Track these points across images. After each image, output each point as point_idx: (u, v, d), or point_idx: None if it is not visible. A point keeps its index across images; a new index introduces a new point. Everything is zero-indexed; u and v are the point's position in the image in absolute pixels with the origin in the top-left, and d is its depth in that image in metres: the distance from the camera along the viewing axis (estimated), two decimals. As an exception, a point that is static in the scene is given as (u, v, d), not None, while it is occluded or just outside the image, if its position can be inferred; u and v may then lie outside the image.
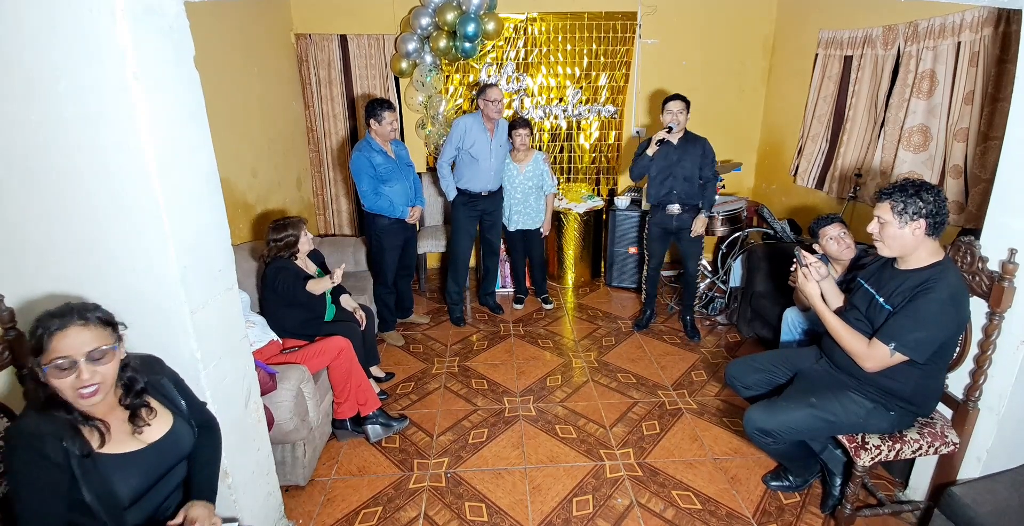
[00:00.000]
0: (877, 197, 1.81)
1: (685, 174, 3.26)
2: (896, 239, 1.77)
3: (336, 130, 4.44)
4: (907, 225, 1.73)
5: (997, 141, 2.45)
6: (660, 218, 3.43)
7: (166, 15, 1.43)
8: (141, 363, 1.39)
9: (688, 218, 3.38)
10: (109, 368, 1.23)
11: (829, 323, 1.91)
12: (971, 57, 2.67)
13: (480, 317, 4.00)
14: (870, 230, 1.83)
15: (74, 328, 1.18)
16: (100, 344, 1.20)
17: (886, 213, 1.76)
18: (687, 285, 3.60)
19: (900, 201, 1.73)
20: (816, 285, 1.96)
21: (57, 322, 1.17)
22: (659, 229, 3.47)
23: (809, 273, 1.98)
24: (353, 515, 2.20)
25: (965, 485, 1.84)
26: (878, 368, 1.81)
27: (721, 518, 2.16)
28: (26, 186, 1.43)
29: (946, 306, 1.70)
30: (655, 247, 3.55)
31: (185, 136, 1.52)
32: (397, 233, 3.36)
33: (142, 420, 1.32)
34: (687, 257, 3.50)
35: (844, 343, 1.87)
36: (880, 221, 1.79)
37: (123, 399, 1.31)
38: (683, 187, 3.28)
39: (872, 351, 1.79)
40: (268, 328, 2.52)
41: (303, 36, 4.19)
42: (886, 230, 1.78)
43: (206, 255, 1.61)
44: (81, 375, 1.18)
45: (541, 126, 4.55)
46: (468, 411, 2.88)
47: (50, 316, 1.19)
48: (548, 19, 4.28)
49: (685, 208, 3.36)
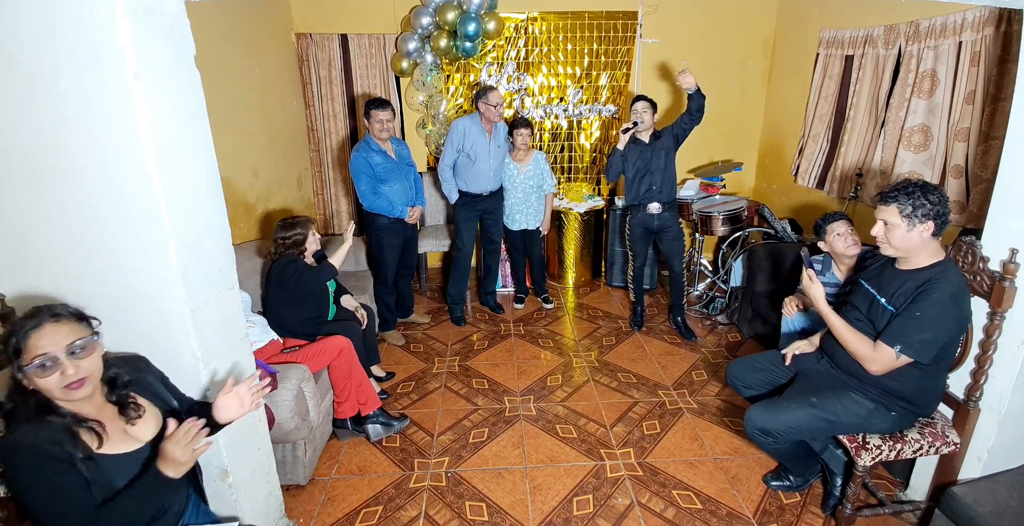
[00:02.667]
0: (880, 199, 1.78)
1: (660, 166, 3.33)
2: (904, 241, 1.75)
3: (336, 130, 4.44)
4: (915, 227, 1.72)
5: (998, 141, 2.45)
6: (641, 217, 3.47)
7: (167, 15, 1.43)
8: (125, 362, 1.40)
9: (669, 216, 3.43)
10: (92, 361, 1.22)
11: (834, 326, 1.89)
12: (972, 57, 2.67)
13: (480, 317, 4.00)
14: (874, 233, 1.81)
15: (48, 325, 1.17)
16: (77, 337, 1.19)
17: (893, 216, 1.73)
18: (674, 285, 3.61)
19: (908, 204, 1.71)
20: (821, 287, 1.95)
21: (31, 322, 1.16)
22: (641, 229, 3.51)
23: (814, 275, 1.97)
24: (354, 514, 2.21)
25: (966, 485, 1.84)
26: (884, 371, 1.79)
27: (722, 518, 2.16)
28: (27, 186, 1.43)
29: (948, 306, 1.70)
30: (638, 247, 3.60)
31: (186, 135, 1.52)
32: (397, 233, 3.37)
33: (132, 412, 1.32)
34: (670, 256, 3.53)
35: (849, 346, 1.86)
36: (887, 224, 1.76)
37: (109, 395, 1.31)
38: (660, 179, 3.34)
39: (877, 354, 1.78)
40: (268, 328, 2.52)
41: (304, 35, 4.19)
42: (893, 233, 1.75)
43: (207, 255, 1.61)
44: (65, 370, 1.17)
45: (542, 126, 4.54)
46: (468, 411, 2.88)
47: (22, 319, 1.18)
48: (549, 18, 4.27)
49: (665, 206, 3.40)
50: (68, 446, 1.18)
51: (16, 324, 1.18)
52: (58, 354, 1.17)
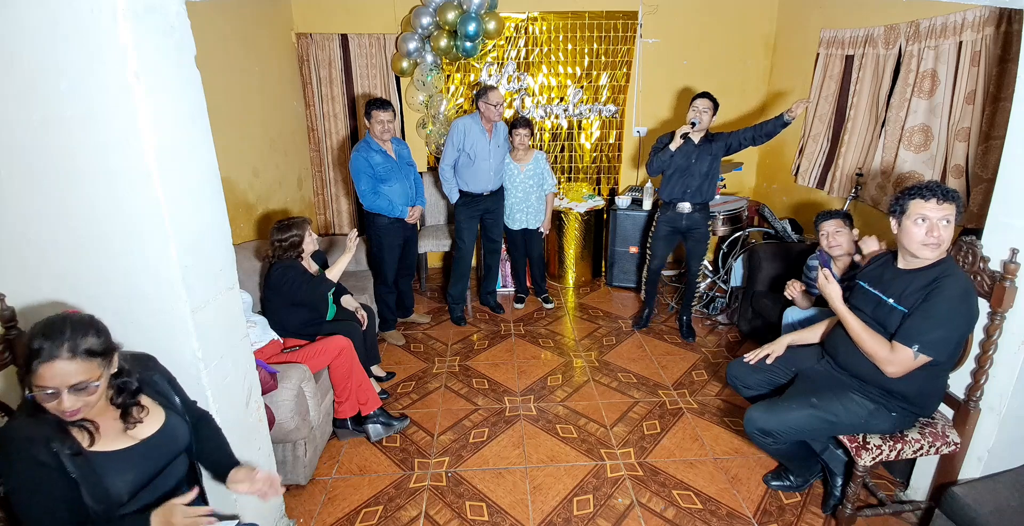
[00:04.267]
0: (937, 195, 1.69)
1: (702, 171, 3.23)
2: (949, 240, 1.73)
3: (337, 129, 4.44)
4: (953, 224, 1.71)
5: (999, 141, 2.44)
6: (671, 216, 3.39)
7: (167, 14, 1.42)
8: (134, 360, 1.40)
9: (699, 217, 3.36)
10: (94, 397, 1.22)
11: (851, 327, 1.86)
12: (972, 56, 2.66)
13: (481, 316, 4.00)
14: (936, 234, 1.70)
15: (60, 362, 1.15)
16: (85, 379, 1.18)
17: (953, 214, 1.70)
18: (689, 285, 3.59)
19: (957, 201, 1.69)
20: (838, 286, 1.93)
21: (47, 349, 1.14)
22: (668, 227, 3.43)
23: (830, 274, 1.96)
24: (354, 514, 2.21)
25: (966, 485, 1.84)
26: (901, 372, 1.76)
27: (722, 518, 2.16)
28: (27, 186, 1.43)
29: (959, 303, 1.69)
30: (659, 246, 3.51)
31: (186, 135, 1.52)
32: (397, 232, 3.36)
33: (133, 418, 1.33)
34: (692, 256, 3.48)
35: (866, 347, 1.82)
36: (948, 221, 1.70)
37: (114, 399, 1.32)
38: (698, 184, 3.25)
39: (895, 355, 1.75)
40: (268, 328, 2.52)
41: (304, 35, 4.19)
42: (950, 231, 1.72)
43: (207, 255, 1.61)
44: (61, 405, 1.17)
45: (542, 125, 4.54)
46: (469, 410, 2.88)
47: (43, 335, 1.15)
48: (549, 18, 4.27)
49: (696, 207, 3.33)
50: (56, 443, 1.19)
51: (35, 335, 1.16)
52: (61, 390, 1.17)
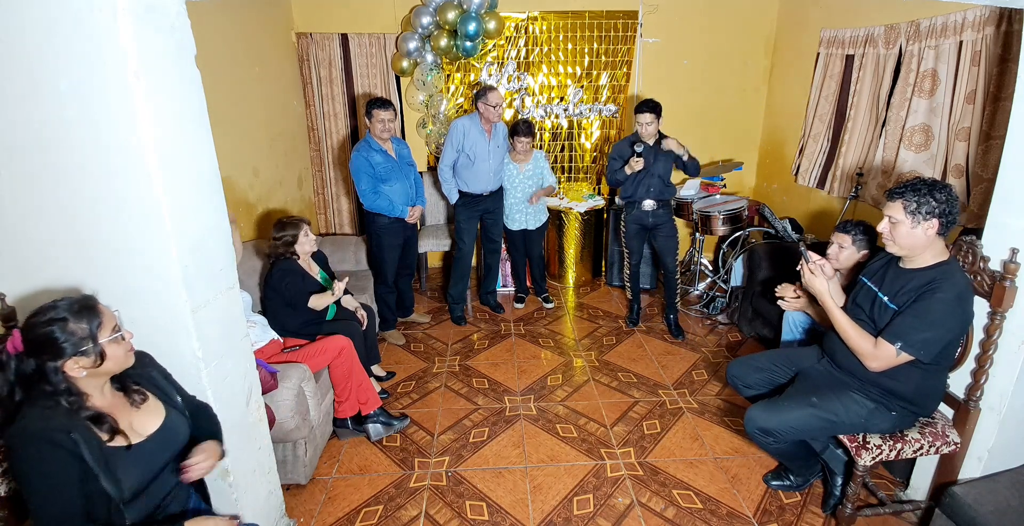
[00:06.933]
0: (888, 195, 1.79)
1: (660, 172, 3.34)
2: (908, 238, 1.75)
3: (337, 129, 4.44)
4: (919, 225, 1.72)
5: (999, 140, 2.44)
6: (636, 215, 3.49)
7: (167, 14, 1.42)
8: None
9: (663, 214, 3.45)
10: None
11: (837, 320, 1.89)
12: (973, 56, 2.66)
13: (481, 316, 4.00)
14: (880, 229, 1.82)
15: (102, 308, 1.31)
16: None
17: (898, 212, 1.74)
18: (667, 283, 3.62)
19: (913, 201, 1.71)
20: (825, 281, 1.94)
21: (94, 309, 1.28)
22: (636, 226, 3.53)
23: (816, 269, 1.97)
24: (354, 514, 2.21)
25: (966, 485, 1.84)
26: (883, 368, 1.80)
27: (722, 517, 2.16)
28: (28, 185, 1.43)
29: (953, 306, 1.70)
30: (633, 244, 3.61)
31: (186, 135, 1.52)
32: (397, 232, 3.36)
33: (138, 396, 1.39)
34: (664, 254, 3.54)
35: (851, 341, 1.86)
36: (892, 220, 1.77)
37: (114, 383, 1.37)
38: (658, 184, 3.37)
39: (878, 351, 1.78)
40: (269, 328, 2.52)
41: (304, 35, 4.19)
42: (898, 229, 1.76)
43: (207, 254, 1.61)
44: (127, 336, 1.35)
45: (542, 125, 4.54)
46: (469, 410, 2.88)
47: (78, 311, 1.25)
48: (549, 18, 4.27)
49: (659, 204, 3.42)
50: (76, 433, 1.20)
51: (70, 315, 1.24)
52: (121, 327, 1.33)
